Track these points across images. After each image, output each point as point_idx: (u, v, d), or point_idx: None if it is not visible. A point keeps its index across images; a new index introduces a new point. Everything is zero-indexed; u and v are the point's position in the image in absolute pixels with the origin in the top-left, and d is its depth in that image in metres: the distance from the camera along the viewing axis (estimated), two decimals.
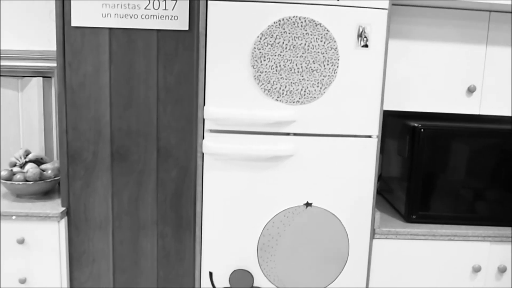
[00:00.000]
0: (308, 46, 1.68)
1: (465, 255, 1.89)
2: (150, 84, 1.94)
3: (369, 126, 1.75)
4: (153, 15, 1.88)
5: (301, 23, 1.66)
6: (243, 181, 1.75)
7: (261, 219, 1.78)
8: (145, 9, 1.87)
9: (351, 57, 1.70)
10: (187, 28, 1.90)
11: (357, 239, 1.82)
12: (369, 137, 1.76)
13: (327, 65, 1.70)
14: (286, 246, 1.80)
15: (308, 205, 1.78)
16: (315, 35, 1.67)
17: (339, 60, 1.70)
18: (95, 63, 1.91)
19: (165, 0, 1.88)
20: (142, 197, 2.01)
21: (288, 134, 1.74)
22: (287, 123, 1.72)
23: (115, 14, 1.87)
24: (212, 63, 1.68)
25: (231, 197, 1.76)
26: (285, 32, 1.66)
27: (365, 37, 1.69)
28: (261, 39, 1.67)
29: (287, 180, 1.76)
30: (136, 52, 1.91)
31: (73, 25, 1.88)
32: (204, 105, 1.72)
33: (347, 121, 1.74)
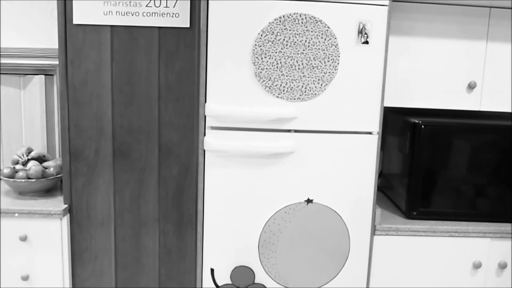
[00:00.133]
0: (308, 43, 1.68)
1: (466, 251, 1.90)
2: (151, 81, 1.94)
3: (370, 122, 1.76)
4: (155, 13, 1.89)
5: (302, 20, 1.67)
6: (244, 178, 1.76)
7: (262, 216, 1.79)
8: (147, 6, 1.88)
9: (352, 53, 1.70)
10: (188, 25, 1.90)
11: (358, 235, 1.82)
12: (370, 133, 1.77)
13: (328, 61, 1.70)
14: (287, 242, 1.81)
15: (309, 201, 1.79)
16: (315, 32, 1.68)
17: (339, 56, 1.70)
18: (96, 60, 1.92)
19: None
20: (143, 194, 2.02)
21: (289, 131, 1.75)
22: (288, 120, 1.73)
23: (117, 11, 1.88)
24: (213, 60, 1.69)
25: (232, 194, 1.77)
26: (285, 29, 1.67)
27: (366, 33, 1.70)
28: (261, 36, 1.67)
29: (288, 176, 1.76)
30: (137, 49, 1.92)
31: (75, 22, 1.88)
32: (205, 102, 1.72)
33: (348, 118, 1.75)
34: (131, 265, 2.06)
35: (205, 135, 1.74)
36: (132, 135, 1.98)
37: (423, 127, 1.87)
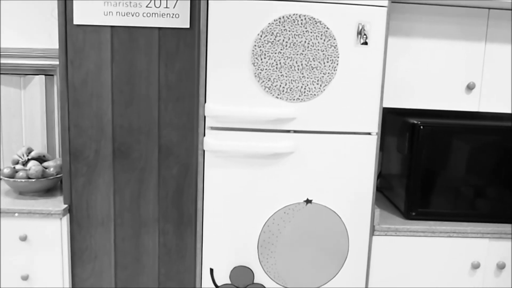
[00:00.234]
0: (308, 43, 1.69)
1: (464, 251, 1.90)
2: (151, 81, 1.95)
3: (369, 123, 1.76)
4: (155, 13, 1.89)
5: (301, 21, 1.67)
6: (243, 178, 1.77)
7: (261, 216, 1.79)
8: (147, 7, 1.89)
9: (351, 54, 1.71)
10: (188, 26, 1.91)
11: (357, 235, 1.83)
12: (369, 134, 1.78)
13: (327, 62, 1.71)
14: (286, 242, 1.81)
15: (308, 202, 1.79)
16: (315, 33, 1.68)
17: (339, 57, 1.71)
18: (97, 61, 1.93)
19: None
20: (143, 194, 2.02)
21: (288, 131, 1.75)
22: (287, 120, 1.74)
23: (117, 12, 1.89)
24: (213, 60, 1.70)
25: (231, 194, 1.78)
26: (285, 29, 1.68)
27: (365, 34, 1.70)
28: (261, 36, 1.68)
29: (287, 177, 1.77)
30: (137, 50, 1.93)
31: (75, 23, 1.89)
32: (205, 102, 1.73)
33: (347, 118, 1.75)
34: (131, 264, 2.06)
35: (204, 135, 1.75)
36: (132, 135, 1.98)
37: (421, 127, 1.88)
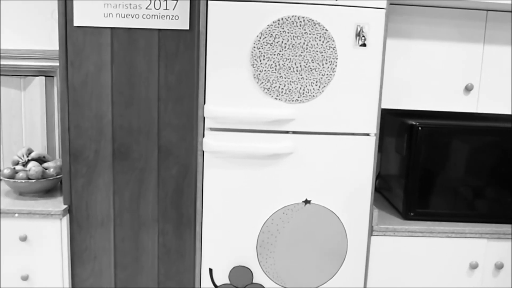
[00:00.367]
0: (307, 45, 1.70)
1: (463, 252, 1.91)
2: (151, 83, 1.96)
3: (367, 124, 1.77)
4: (154, 15, 1.90)
5: (300, 22, 1.68)
6: (243, 179, 1.77)
7: (260, 216, 1.80)
8: (147, 9, 1.90)
9: (350, 56, 1.72)
10: (187, 27, 1.92)
11: (355, 236, 1.84)
12: (367, 135, 1.78)
13: (326, 64, 1.72)
14: (285, 243, 1.82)
15: (307, 202, 1.80)
16: (313, 34, 1.69)
17: (337, 59, 1.72)
18: (97, 62, 1.93)
19: (166, 0, 1.90)
20: (143, 194, 2.03)
21: (287, 132, 1.76)
22: (286, 121, 1.74)
23: (117, 13, 1.89)
24: (212, 62, 1.70)
25: (231, 195, 1.78)
26: (284, 31, 1.69)
27: (363, 36, 1.71)
28: (260, 38, 1.69)
29: (286, 177, 1.78)
30: (137, 51, 1.94)
31: (75, 24, 1.90)
32: (204, 103, 1.74)
33: (346, 119, 1.76)
34: (130, 265, 2.07)
35: (204, 136, 1.75)
36: (131, 136, 1.99)
37: (420, 128, 1.88)
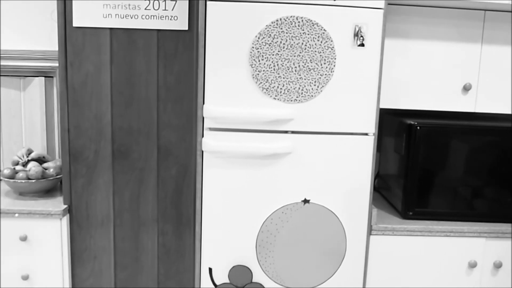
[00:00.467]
0: (305, 45, 1.70)
1: (461, 251, 1.92)
2: (150, 83, 1.96)
3: (366, 124, 1.78)
4: (153, 15, 1.91)
5: (298, 22, 1.69)
6: (242, 179, 1.78)
7: (259, 216, 1.81)
8: (145, 9, 1.90)
9: (348, 56, 1.73)
10: (186, 28, 1.92)
11: (355, 235, 1.84)
12: (366, 134, 1.79)
13: (324, 64, 1.72)
14: (284, 242, 1.83)
15: (306, 202, 1.81)
16: (312, 35, 1.70)
17: (335, 59, 1.72)
18: (96, 62, 1.94)
19: (165, 0, 1.90)
20: (142, 194, 2.04)
21: (286, 132, 1.77)
22: (285, 121, 1.75)
23: (116, 14, 1.90)
24: (211, 62, 1.71)
25: (230, 194, 1.79)
26: (282, 31, 1.69)
27: (362, 36, 1.72)
28: (259, 38, 1.70)
29: (285, 177, 1.78)
30: (136, 51, 1.94)
31: (74, 25, 1.91)
32: (203, 103, 1.75)
33: (344, 119, 1.77)
34: (130, 264, 2.08)
35: (203, 136, 1.76)
36: (131, 136, 2.00)
37: (418, 128, 1.89)
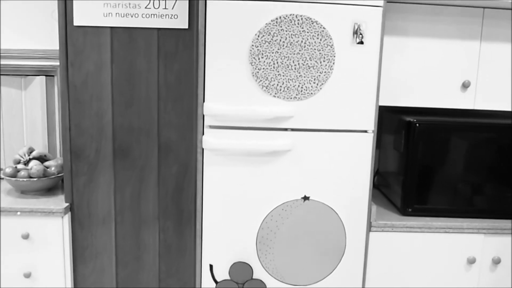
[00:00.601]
0: (304, 43, 1.71)
1: (460, 247, 1.93)
2: (151, 82, 1.97)
3: (365, 121, 1.79)
4: (154, 14, 1.92)
5: (298, 21, 1.70)
6: (242, 176, 1.79)
7: (259, 213, 1.82)
8: (146, 8, 1.91)
9: (347, 53, 1.74)
10: (186, 26, 1.93)
11: (354, 232, 1.85)
12: (365, 132, 1.80)
13: (324, 61, 1.73)
14: (284, 239, 1.84)
15: (305, 198, 1.82)
16: (311, 33, 1.71)
17: (335, 56, 1.73)
18: (97, 61, 1.95)
19: None
20: (143, 192, 2.05)
21: (286, 129, 1.78)
22: (284, 119, 1.76)
23: (116, 13, 1.91)
24: (211, 60, 1.72)
25: (230, 192, 1.80)
26: (282, 29, 1.70)
27: (361, 34, 1.73)
28: (259, 36, 1.70)
29: (285, 174, 1.79)
30: (137, 50, 1.95)
31: (75, 24, 1.91)
32: (203, 102, 1.75)
33: (344, 116, 1.78)
34: (132, 262, 2.09)
35: (203, 134, 1.77)
36: (132, 134, 2.01)
37: (417, 125, 1.90)
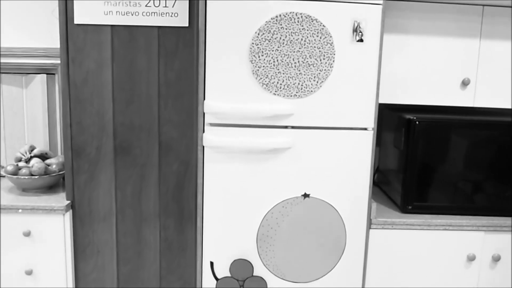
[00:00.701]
0: (304, 41, 1.72)
1: (460, 244, 1.93)
2: (151, 79, 1.98)
3: (365, 118, 1.79)
4: (154, 12, 1.92)
5: (298, 18, 1.70)
6: (242, 173, 1.80)
7: (260, 210, 1.82)
8: (146, 6, 1.92)
9: (347, 51, 1.74)
10: (187, 24, 1.94)
11: (354, 229, 1.86)
12: (365, 129, 1.80)
13: (323, 59, 1.74)
14: (284, 236, 1.84)
15: (306, 196, 1.82)
16: (311, 30, 1.71)
17: (335, 54, 1.74)
18: (97, 59, 1.95)
19: None
20: (144, 190, 2.05)
21: (286, 127, 1.78)
22: (285, 117, 1.77)
23: (117, 11, 1.91)
24: (211, 58, 1.72)
25: (231, 189, 1.81)
26: (282, 27, 1.71)
27: (360, 32, 1.73)
28: (259, 34, 1.71)
29: (285, 172, 1.80)
30: (137, 48, 1.95)
31: (76, 22, 1.92)
32: (204, 99, 1.76)
33: (343, 114, 1.78)
34: (133, 259, 2.10)
35: (204, 132, 1.78)
36: (133, 132, 2.01)
37: (417, 123, 1.90)
